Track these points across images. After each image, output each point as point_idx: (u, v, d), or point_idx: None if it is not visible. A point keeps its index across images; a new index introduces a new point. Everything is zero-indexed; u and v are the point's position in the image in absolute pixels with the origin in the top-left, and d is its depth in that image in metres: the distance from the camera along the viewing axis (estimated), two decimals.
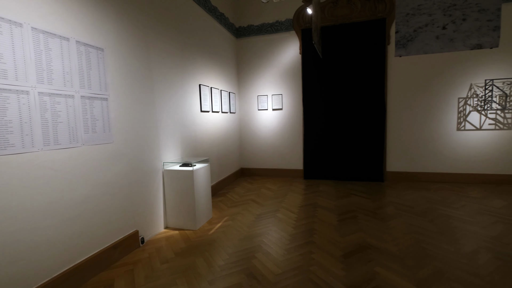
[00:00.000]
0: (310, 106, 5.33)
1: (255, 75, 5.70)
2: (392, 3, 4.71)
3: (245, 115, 5.86)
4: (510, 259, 2.26)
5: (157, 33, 3.04)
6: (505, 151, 4.52)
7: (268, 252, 2.49)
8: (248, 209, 3.69)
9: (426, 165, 4.88)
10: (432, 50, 3.56)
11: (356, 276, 2.08)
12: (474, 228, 2.87)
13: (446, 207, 3.52)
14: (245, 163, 5.93)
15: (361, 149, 5.09)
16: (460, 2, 3.48)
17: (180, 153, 3.51)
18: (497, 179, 4.58)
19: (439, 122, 4.77)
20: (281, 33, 5.43)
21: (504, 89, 4.42)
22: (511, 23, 4.30)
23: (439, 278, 2.02)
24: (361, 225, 3.04)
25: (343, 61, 5.08)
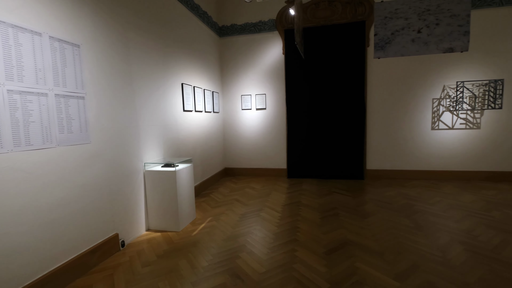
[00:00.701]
0: (294, 106, 5.40)
1: (238, 75, 5.69)
2: (371, 6, 4.86)
3: (229, 115, 5.83)
4: (479, 250, 2.41)
5: (137, 30, 2.96)
6: (474, 149, 4.80)
7: (252, 251, 2.50)
8: (232, 209, 3.68)
9: (403, 163, 5.09)
10: (409, 52, 3.72)
11: (337, 272, 2.14)
12: (447, 222, 3.03)
13: (422, 203, 3.69)
14: (229, 163, 5.91)
15: (342, 148, 5.22)
16: (434, 8, 3.65)
17: (162, 154, 3.44)
18: (467, 175, 4.86)
19: (415, 121, 4.99)
20: (265, 33, 5.46)
21: (473, 91, 4.69)
22: (479, 28, 4.57)
23: (415, 271, 2.12)
24: (343, 222, 3.12)
25: (325, 62, 5.18)
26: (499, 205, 3.52)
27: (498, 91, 4.57)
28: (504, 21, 4.54)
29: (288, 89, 5.40)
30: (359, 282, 2.00)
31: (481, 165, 4.81)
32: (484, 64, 4.67)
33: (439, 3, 3.64)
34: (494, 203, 3.60)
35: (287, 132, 5.49)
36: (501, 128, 4.70)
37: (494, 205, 3.52)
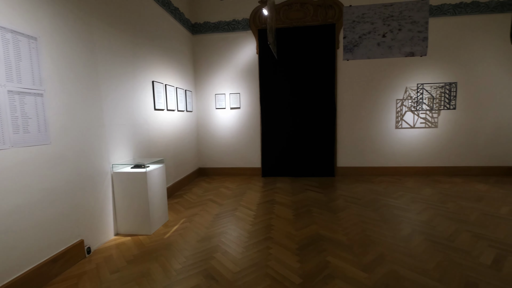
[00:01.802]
0: (268, 106, 5.45)
1: (212, 73, 5.62)
2: (341, 10, 5.05)
3: (202, 114, 5.74)
4: (436, 239, 2.62)
5: (103, 24, 2.80)
6: (433, 146, 5.21)
7: (227, 251, 2.49)
8: (206, 210, 3.63)
9: (370, 160, 5.38)
10: (374, 55, 3.94)
11: (310, 266, 2.20)
12: (409, 215, 3.25)
13: (387, 198, 3.93)
14: (203, 162, 5.82)
15: (314, 146, 5.38)
16: (397, 14, 3.90)
17: (132, 154, 3.29)
18: (427, 170, 5.26)
19: (381, 121, 5.29)
20: (238, 32, 5.44)
21: (431, 93, 5.08)
22: (436, 35, 4.95)
23: (381, 262, 2.25)
24: (315, 218, 3.22)
25: (297, 63, 5.30)
26: (453, 197, 3.86)
27: (452, 93, 5.00)
28: (457, 29, 4.97)
29: (262, 89, 5.45)
30: (330, 275, 2.08)
31: (438, 161, 5.24)
32: (440, 68, 5.08)
33: (401, 10, 3.89)
34: (449, 196, 3.94)
35: (261, 131, 5.53)
36: (455, 127, 5.15)
37: (449, 197, 3.85)
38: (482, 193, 4.04)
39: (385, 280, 2.00)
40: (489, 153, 5.16)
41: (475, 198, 3.80)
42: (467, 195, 3.96)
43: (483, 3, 4.85)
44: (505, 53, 4.96)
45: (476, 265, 2.16)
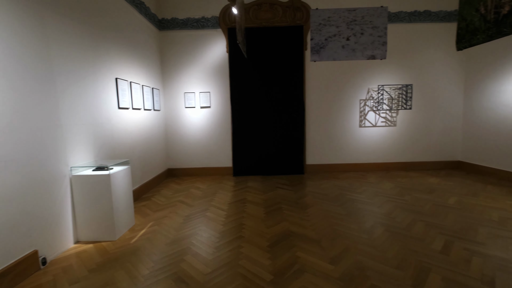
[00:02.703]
0: (238, 105, 5.45)
1: (181, 71, 5.47)
2: (308, 12, 5.21)
3: (171, 113, 5.56)
4: (395, 230, 2.83)
5: (58, 15, 2.58)
6: (392, 143, 5.61)
7: (197, 252, 2.45)
8: (176, 211, 3.53)
9: (337, 157, 5.64)
10: (339, 57, 4.12)
11: (280, 263, 2.25)
12: (371, 208, 3.47)
13: (352, 193, 4.15)
14: (173, 163, 5.65)
15: (284, 145, 5.50)
16: (359, 19, 4.12)
17: (94, 156, 3.09)
18: (387, 166, 5.65)
19: (346, 120, 5.56)
20: (208, 30, 5.36)
21: (391, 94, 5.46)
22: (394, 39, 5.33)
23: (346, 254, 2.37)
24: (285, 215, 3.30)
25: (267, 62, 5.36)
26: (409, 190, 4.19)
27: (408, 94, 5.42)
28: (412, 35, 5.39)
29: (232, 88, 5.42)
30: (300, 270, 2.15)
31: (397, 157, 5.65)
32: (398, 71, 5.48)
33: (363, 15, 4.12)
34: (406, 189, 4.27)
35: (232, 131, 5.51)
36: (411, 125, 5.60)
37: (406, 191, 4.18)
38: (434, 185, 4.45)
39: (350, 271, 2.11)
40: (440, 149, 5.69)
41: (428, 191, 4.16)
42: (421, 188, 4.33)
43: (434, 12, 5.33)
44: (452, 58, 5.49)
45: (429, 251, 2.37)
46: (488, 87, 5.00)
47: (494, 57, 4.85)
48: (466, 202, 3.60)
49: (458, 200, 3.71)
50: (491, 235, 2.66)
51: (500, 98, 4.75)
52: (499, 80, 4.77)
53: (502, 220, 2.99)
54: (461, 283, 1.94)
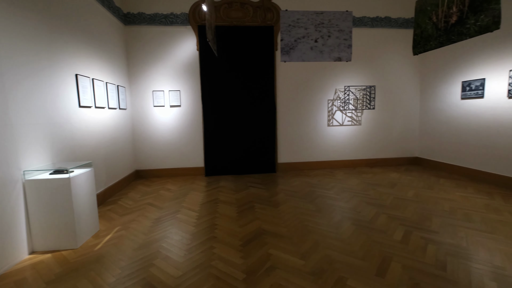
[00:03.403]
0: (209, 104, 5.37)
1: (149, 69, 5.25)
2: (278, 13, 5.29)
3: (138, 112, 5.32)
4: (361, 223, 3.00)
5: (3, 3, 2.33)
6: (358, 141, 5.93)
7: (168, 256, 2.38)
8: (144, 215, 3.39)
9: (307, 155, 5.81)
10: (308, 58, 4.25)
11: (253, 261, 2.27)
12: (339, 203, 3.64)
13: (321, 189, 4.31)
14: (141, 164, 5.41)
15: (256, 144, 5.54)
16: (326, 22, 4.28)
17: (51, 158, 2.85)
18: (353, 163, 5.96)
19: (316, 119, 5.76)
20: (177, 27, 5.20)
21: (356, 94, 5.76)
22: (358, 43, 5.62)
23: (316, 248, 2.46)
24: (258, 213, 3.33)
25: (238, 62, 5.36)
26: (373, 185, 4.46)
27: (372, 95, 5.76)
28: (375, 39, 5.73)
29: (203, 86, 5.33)
30: (272, 266, 2.19)
31: (362, 154, 5.98)
32: (362, 73, 5.80)
33: (330, 19, 4.28)
34: (371, 184, 4.54)
35: (203, 130, 5.42)
36: (374, 124, 5.96)
37: (371, 186, 4.44)
38: (395, 180, 4.78)
39: (320, 265, 2.19)
40: (400, 146, 6.12)
41: (390, 185, 4.47)
42: (384, 182, 4.63)
43: (394, 19, 5.71)
44: (410, 62, 5.94)
45: (391, 242, 2.55)
46: (439, 89, 5.48)
47: (444, 62, 5.34)
48: (422, 195, 3.92)
49: (416, 193, 4.02)
50: (443, 224, 2.93)
51: (450, 100, 5.23)
52: (448, 83, 5.26)
53: (453, 210, 3.31)
54: (418, 269, 2.11)
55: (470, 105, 4.82)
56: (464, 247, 2.42)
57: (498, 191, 4.00)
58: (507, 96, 4.16)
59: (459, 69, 5.02)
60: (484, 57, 4.52)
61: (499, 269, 2.07)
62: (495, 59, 4.34)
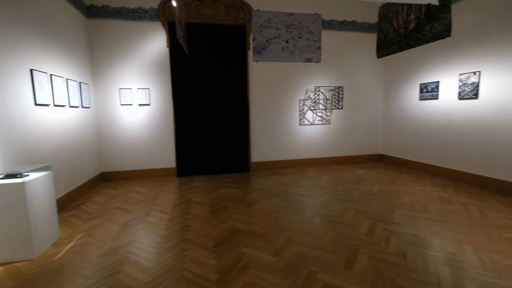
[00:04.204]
0: (180, 103, 5.23)
1: (115, 65, 4.97)
2: (250, 13, 5.31)
3: (104, 111, 5.02)
4: (330, 218, 3.12)
5: None
6: (327, 140, 6.15)
7: (137, 261, 2.29)
8: (111, 219, 3.22)
9: (279, 154, 5.91)
10: (280, 59, 4.32)
11: (226, 261, 2.26)
12: (310, 200, 3.75)
13: (294, 187, 4.42)
14: (107, 166, 5.12)
15: (229, 143, 5.52)
16: (297, 23, 4.38)
17: (2, 162, 2.59)
18: (323, 161, 6.18)
19: (288, 118, 5.88)
20: (146, 22, 4.99)
21: (325, 94, 5.97)
22: (328, 45, 5.83)
23: (289, 245, 2.52)
24: (231, 213, 3.32)
25: (211, 60, 5.28)
26: (342, 182, 4.67)
27: (340, 95, 6.01)
28: (343, 42, 5.98)
29: (174, 85, 5.18)
30: (245, 265, 2.20)
31: (332, 152, 6.22)
32: (331, 74, 6.02)
33: (300, 20, 4.38)
34: (340, 181, 4.75)
35: (175, 130, 5.27)
36: (343, 123, 6.23)
37: (339, 182, 4.64)
38: (362, 176, 5.05)
39: (292, 261, 2.25)
40: (366, 144, 6.47)
41: (357, 181, 4.70)
42: (352, 179, 4.86)
43: (359, 23, 6.00)
44: (374, 65, 6.29)
45: (358, 235, 2.69)
46: (401, 91, 5.88)
47: (405, 65, 5.73)
48: (386, 189, 4.18)
49: (380, 188, 4.28)
50: (404, 216, 3.15)
51: (410, 100, 5.64)
52: (408, 85, 5.66)
53: (412, 203, 3.57)
54: (382, 259, 2.25)
55: (426, 106, 5.23)
56: (422, 237, 2.62)
57: (451, 184, 4.40)
58: (457, 97, 4.58)
59: (417, 72, 5.42)
60: (438, 61, 4.93)
61: (451, 255, 2.28)
62: (447, 64, 4.76)
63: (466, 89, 4.41)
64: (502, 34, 3.89)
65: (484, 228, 2.76)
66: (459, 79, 4.51)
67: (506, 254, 2.27)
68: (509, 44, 3.81)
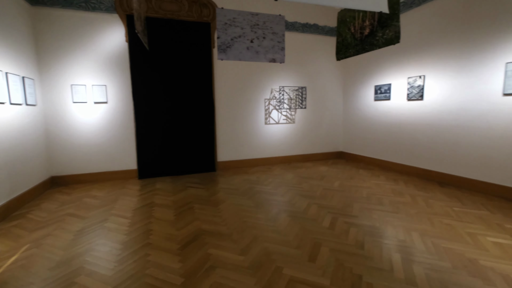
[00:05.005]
0: (142, 101, 4.98)
1: (66, 59, 4.55)
2: (215, 10, 5.23)
3: (53, 109, 4.56)
4: (295, 214, 3.23)
5: None
6: (292, 138, 6.35)
7: (94, 271, 2.13)
8: (63, 227, 2.95)
9: (246, 153, 5.94)
10: (245, 58, 4.34)
11: (192, 263, 2.22)
12: (276, 197, 3.84)
13: (260, 185, 4.48)
14: (58, 169, 4.67)
15: (195, 143, 5.40)
16: (261, 23, 4.43)
17: None
18: (289, 159, 6.36)
19: (253, 117, 5.93)
20: (101, 13, 4.64)
21: (290, 94, 6.14)
22: (292, 46, 5.99)
23: (255, 243, 2.55)
24: (197, 214, 3.26)
25: (174, 57, 5.10)
26: (306, 179, 4.85)
27: (304, 95, 6.23)
28: (305, 43, 6.20)
29: (134, 82, 4.90)
30: (212, 266, 2.17)
31: (296, 150, 6.43)
32: (295, 74, 6.21)
33: (264, 21, 4.45)
34: (304, 178, 4.93)
35: (135, 129, 5.00)
36: (306, 122, 6.47)
37: (304, 179, 4.82)
38: (324, 173, 5.30)
39: (258, 258, 2.28)
40: (328, 142, 6.80)
41: (320, 177, 4.93)
42: (315, 175, 5.08)
43: (321, 26, 6.27)
44: (335, 66, 6.63)
45: (320, 229, 2.82)
46: (358, 92, 6.28)
47: (361, 68, 6.14)
48: (346, 185, 4.45)
49: (341, 183, 4.54)
50: (361, 208, 3.38)
51: (366, 101, 6.05)
52: (364, 86, 6.07)
53: (369, 196, 3.85)
54: (342, 250, 2.39)
55: (380, 106, 5.66)
56: (377, 227, 2.84)
57: (402, 178, 4.82)
58: (406, 99, 5.04)
59: (372, 75, 5.84)
60: (390, 65, 5.37)
61: (401, 242, 2.51)
62: (397, 67, 5.20)
63: (413, 91, 4.86)
64: (442, 43, 4.36)
65: (428, 216, 3.08)
66: (408, 82, 4.96)
67: (446, 238, 2.57)
68: (448, 52, 4.28)
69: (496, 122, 3.70)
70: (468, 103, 4.05)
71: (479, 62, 3.87)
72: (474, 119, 3.98)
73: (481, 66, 3.84)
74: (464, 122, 4.12)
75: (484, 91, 3.83)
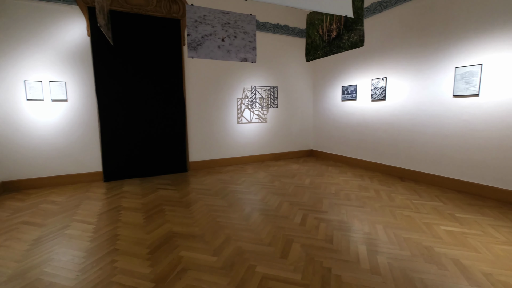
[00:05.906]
0: (107, 99, 4.70)
1: (18, 53, 4.14)
2: (184, 7, 5.10)
3: (3, 107, 4.14)
4: (268, 212, 3.27)
5: None
6: (264, 137, 6.41)
7: (53, 282, 1.98)
8: (16, 237, 2.70)
9: (218, 153, 5.89)
10: (216, 56, 4.28)
11: (163, 267, 2.15)
12: (249, 196, 3.86)
13: (233, 184, 4.47)
14: (10, 174, 4.24)
15: (165, 143, 5.22)
16: (232, 22, 4.41)
17: None
18: (261, 158, 6.42)
19: (226, 117, 5.89)
20: (60, 4, 4.30)
21: (262, 94, 6.20)
22: (263, 46, 6.05)
23: (228, 242, 2.54)
24: (168, 216, 3.16)
25: (141, 53, 4.89)
26: (278, 177, 4.94)
27: (275, 95, 6.32)
28: (276, 44, 6.29)
29: (98, 78, 4.61)
30: (184, 269, 2.13)
31: (269, 149, 6.51)
32: (266, 74, 6.28)
33: (236, 20, 4.43)
34: (276, 176, 5.01)
35: (100, 129, 4.71)
36: (278, 121, 6.57)
37: (276, 177, 4.90)
38: (295, 171, 5.43)
39: (231, 258, 2.28)
40: (299, 141, 6.98)
41: (291, 175, 5.04)
42: (287, 174, 5.19)
43: (291, 27, 6.41)
44: (305, 67, 6.81)
45: (292, 226, 2.89)
46: (326, 92, 6.53)
47: (329, 69, 6.38)
48: (316, 182, 4.60)
49: (311, 180, 4.69)
50: (330, 204, 3.53)
51: (334, 101, 6.31)
52: (332, 87, 6.32)
53: (337, 192, 4.02)
54: (313, 245, 2.48)
55: (347, 106, 5.94)
56: (345, 221, 2.99)
57: (367, 174, 5.11)
58: (370, 99, 5.34)
59: (340, 76, 6.11)
60: (356, 67, 5.65)
61: (367, 235, 2.66)
62: (362, 69, 5.49)
63: (377, 92, 5.17)
64: (402, 47, 4.69)
65: (391, 209, 3.31)
66: (372, 83, 5.26)
67: (406, 229, 2.77)
68: (407, 56, 4.62)
69: (447, 121, 4.07)
70: (424, 104, 4.40)
71: (433, 66, 4.22)
72: (429, 118, 4.34)
73: (435, 70, 4.20)
74: (420, 122, 4.47)
75: (437, 93, 4.19)
